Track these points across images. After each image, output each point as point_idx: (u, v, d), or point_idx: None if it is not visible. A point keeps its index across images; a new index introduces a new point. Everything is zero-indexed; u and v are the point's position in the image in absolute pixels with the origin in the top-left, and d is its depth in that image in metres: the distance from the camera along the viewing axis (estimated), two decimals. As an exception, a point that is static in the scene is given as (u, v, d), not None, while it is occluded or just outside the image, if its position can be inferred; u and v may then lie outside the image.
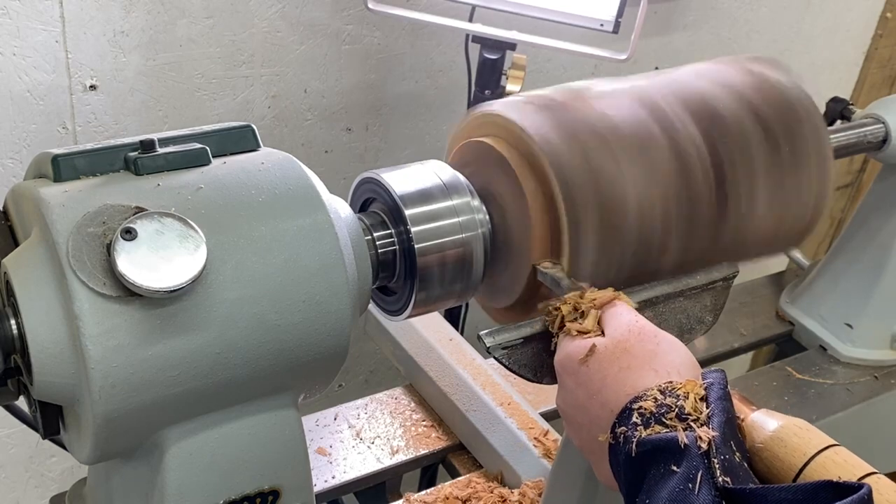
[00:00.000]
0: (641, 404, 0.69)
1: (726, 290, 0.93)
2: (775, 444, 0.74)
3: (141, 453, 0.77)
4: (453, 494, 1.19)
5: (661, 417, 0.67)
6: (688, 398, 0.68)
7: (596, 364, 0.74)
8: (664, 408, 0.68)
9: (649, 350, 0.73)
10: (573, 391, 0.77)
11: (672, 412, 0.67)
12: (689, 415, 0.67)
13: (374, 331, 1.48)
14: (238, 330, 0.73)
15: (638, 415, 0.69)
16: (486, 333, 0.82)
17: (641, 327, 0.76)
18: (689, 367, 0.73)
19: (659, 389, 0.69)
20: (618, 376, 0.72)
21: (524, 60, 1.64)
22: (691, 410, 0.67)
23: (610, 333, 0.76)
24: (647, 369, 0.72)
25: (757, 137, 0.93)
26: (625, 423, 0.69)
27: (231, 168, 0.79)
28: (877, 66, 2.81)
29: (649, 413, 0.68)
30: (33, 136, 1.57)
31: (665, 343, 0.75)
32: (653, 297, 0.88)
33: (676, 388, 0.69)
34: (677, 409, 0.67)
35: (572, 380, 0.77)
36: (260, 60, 1.74)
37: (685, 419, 0.67)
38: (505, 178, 0.88)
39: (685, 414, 0.67)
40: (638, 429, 0.68)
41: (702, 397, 0.69)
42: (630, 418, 0.69)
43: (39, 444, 1.81)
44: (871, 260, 1.56)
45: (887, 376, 1.58)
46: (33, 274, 0.69)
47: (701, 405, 0.68)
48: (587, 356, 0.75)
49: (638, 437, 0.68)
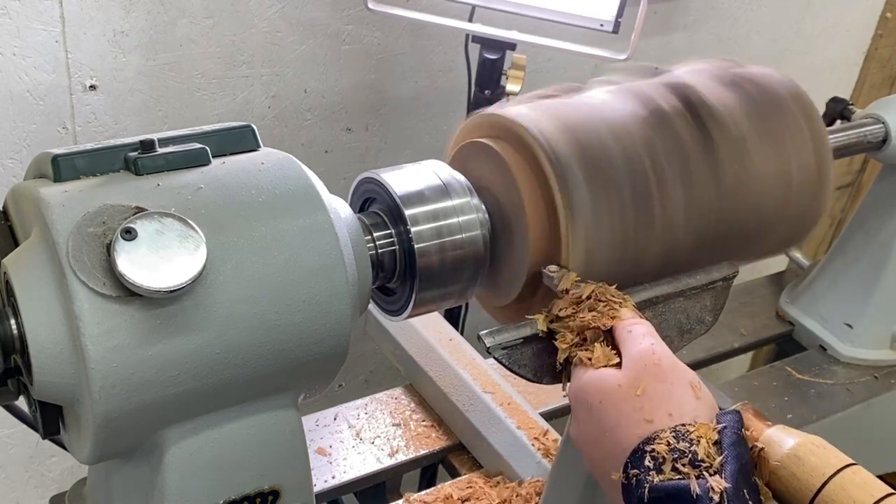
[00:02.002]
0: (654, 447, 0.68)
1: (726, 290, 0.93)
2: (792, 463, 0.73)
3: (141, 453, 0.77)
4: (453, 494, 1.19)
5: (675, 463, 0.67)
6: (700, 443, 0.68)
7: (610, 401, 0.73)
8: (677, 453, 0.67)
9: (666, 389, 0.72)
10: (586, 425, 0.76)
11: (685, 458, 0.67)
12: (702, 462, 0.67)
13: (374, 331, 1.48)
14: (238, 330, 0.73)
15: (650, 458, 0.68)
16: (486, 333, 0.82)
17: (658, 360, 0.74)
18: (705, 407, 0.72)
19: (672, 432, 0.69)
20: (632, 416, 0.71)
21: (524, 60, 1.64)
22: (704, 457, 0.67)
23: (626, 366, 0.75)
24: (662, 410, 0.71)
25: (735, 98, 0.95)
26: (637, 466, 0.69)
27: (231, 168, 0.79)
28: (877, 66, 2.81)
29: (661, 457, 0.68)
30: (33, 136, 1.57)
31: (682, 380, 0.73)
32: (653, 297, 0.87)
33: (689, 432, 0.68)
34: (690, 455, 0.67)
35: (585, 413, 0.76)
36: (260, 60, 1.74)
37: (698, 466, 0.66)
38: (504, 177, 0.88)
39: (698, 461, 0.67)
40: (650, 473, 0.67)
41: (715, 441, 0.68)
42: (643, 461, 0.68)
43: (39, 444, 1.80)
44: (871, 260, 1.56)
45: (887, 376, 1.58)
46: (33, 274, 0.69)
47: (714, 450, 0.68)
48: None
49: (650, 482, 0.67)
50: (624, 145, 0.87)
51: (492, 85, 1.68)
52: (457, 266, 0.89)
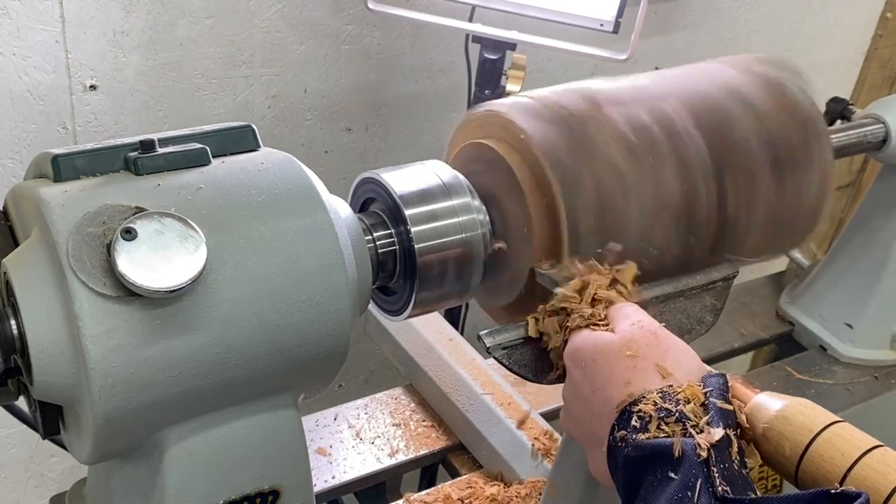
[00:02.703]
0: (641, 407, 0.69)
1: (726, 290, 0.93)
2: (780, 423, 0.73)
3: (141, 453, 0.77)
4: (453, 494, 1.19)
5: (661, 422, 0.67)
6: (688, 403, 0.68)
7: (604, 359, 0.74)
8: (663, 412, 0.68)
9: (659, 353, 0.73)
10: (579, 383, 0.77)
11: (672, 417, 0.67)
12: (689, 420, 0.67)
13: (374, 331, 1.48)
14: (238, 330, 0.73)
15: (637, 418, 0.69)
16: (486, 333, 0.82)
17: (652, 327, 0.76)
18: (695, 370, 0.73)
19: (659, 393, 0.69)
20: (623, 375, 0.72)
21: (524, 60, 1.64)
22: (691, 416, 0.67)
23: (619, 330, 0.76)
24: (653, 371, 0.72)
25: (762, 158, 0.95)
26: (624, 426, 0.69)
27: (231, 168, 0.79)
28: (877, 66, 2.81)
29: (648, 416, 0.68)
30: (33, 136, 1.57)
31: (673, 347, 0.74)
32: (653, 297, 0.88)
33: (677, 393, 0.69)
34: (677, 414, 0.67)
35: (579, 372, 0.77)
36: (260, 60, 1.74)
37: (685, 425, 0.67)
38: (505, 179, 0.88)
39: (685, 419, 0.67)
40: (637, 432, 0.68)
41: (702, 403, 0.69)
42: (629, 420, 0.69)
43: (39, 444, 1.80)
44: (871, 260, 1.56)
45: (887, 376, 1.57)
46: (33, 274, 0.69)
47: (700, 411, 0.68)
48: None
49: (636, 440, 0.68)
50: (643, 203, 0.88)
51: (492, 85, 1.68)
52: (457, 266, 0.89)
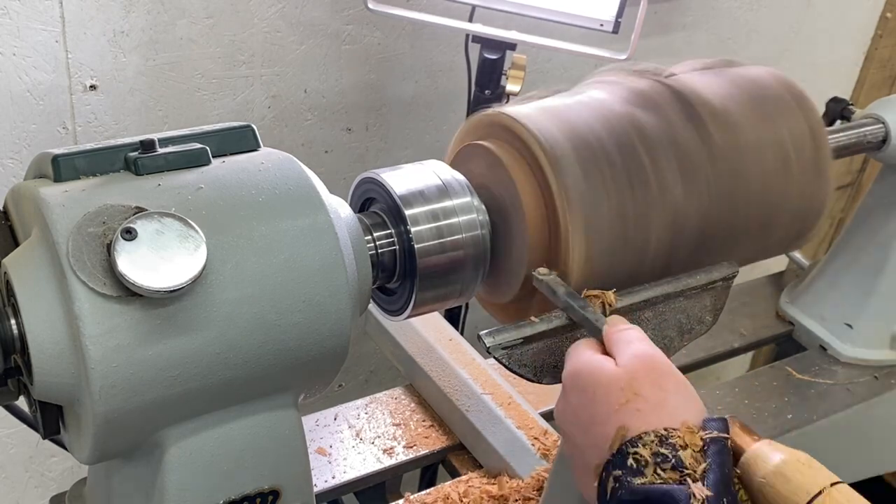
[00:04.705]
0: (639, 450, 0.68)
1: (726, 290, 0.93)
2: (778, 481, 0.73)
3: (141, 453, 0.77)
4: (453, 495, 1.19)
5: (657, 467, 0.67)
6: (685, 449, 0.68)
7: (604, 393, 0.73)
8: (660, 457, 0.67)
9: (659, 395, 0.72)
10: (576, 410, 0.75)
11: (668, 463, 0.67)
12: (686, 468, 0.66)
13: (374, 331, 1.48)
14: (238, 330, 0.73)
15: (633, 460, 0.68)
16: (486, 333, 0.82)
17: (653, 361, 0.74)
18: (694, 411, 0.72)
19: (657, 436, 0.68)
20: (622, 412, 0.71)
21: (524, 60, 1.63)
22: (688, 464, 0.67)
23: (623, 363, 0.74)
24: (653, 414, 0.70)
25: (720, 82, 0.99)
26: (620, 466, 0.68)
27: (231, 168, 0.79)
28: (877, 66, 2.81)
29: (645, 461, 0.68)
30: (33, 136, 1.57)
31: (673, 384, 0.73)
32: (653, 297, 0.88)
33: (675, 437, 0.68)
34: (674, 461, 0.67)
35: (576, 397, 0.76)
36: (260, 60, 1.74)
37: (681, 472, 0.66)
38: (502, 176, 0.88)
39: (682, 467, 0.66)
40: (632, 475, 0.67)
41: (700, 449, 0.68)
42: (625, 461, 0.68)
43: (39, 444, 1.81)
44: (871, 260, 1.56)
45: (887, 376, 1.57)
46: (33, 274, 0.69)
47: (699, 458, 0.67)
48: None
49: (631, 484, 0.67)
50: (616, 133, 0.88)
51: (492, 85, 1.68)
52: (457, 266, 0.89)
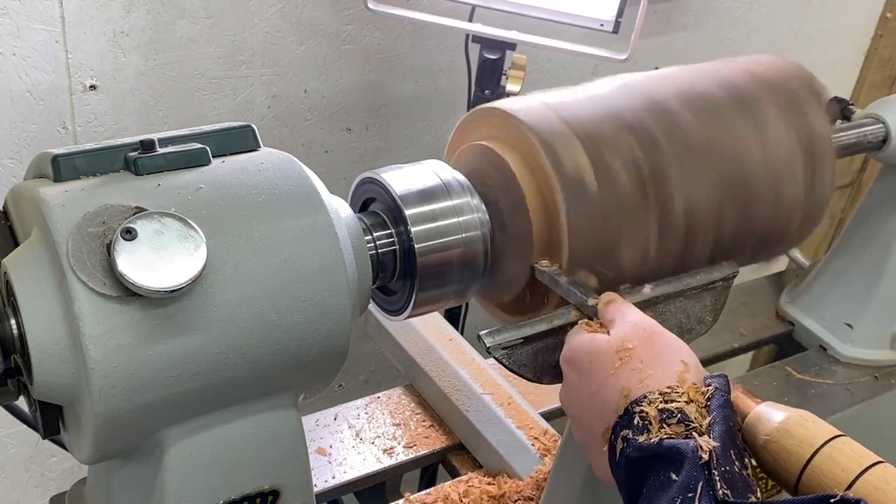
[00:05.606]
0: (643, 408, 0.69)
1: (726, 290, 0.93)
2: (782, 436, 0.73)
3: (141, 453, 0.77)
4: (453, 495, 1.19)
5: (663, 423, 0.67)
6: (690, 404, 0.68)
7: (599, 362, 0.74)
8: (665, 413, 0.68)
9: (654, 352, 0.73)
10: (576, 387, 0.77)
11: (673, 418, 0.67)
12: (691, 422, 0.67)
13: (374, 331, 1.48)
14: (238, 330, 0.73)
15: (639, 418, 0.69)
16: (486, 333, 0.82)
17: (647, 326, 0.76)
18: (693, 370, 0.73)
19: (661, 394, 0.69)
20: (621, 376, 0.72)
21: (524, 60, 1.64)
22: (693, 418, 0.67)
23: (615, 332, 0.76)
24: (651, 371, 0.72)
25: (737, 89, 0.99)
26: (626, 426, 0.69)
27: (231, 168, 0.79)
28: (877, 66, 2.81)
29: (650, 418, 0.68)
30: (33, 136, 1.57)
31: (670, 345, 0.74)
32: (653, 297, 0.87)
33: (679, 394, 0.69)
34: (679, 416, 0.67)
35: (575, 375, 0.77)
36: (260, 60, 1.74)
37: (687, 426, 0.67)
38: (505, 179, 0.88)
39: (687, 421, 0.67)
40: (639, 433, 0.68)
41: (704, 404, 0.69)
42: (631, 421, 0.69)
43: (39, 444, 1.81)
44: (871, 260, 1.56)
45: (887, 376, 1.57)
46: (33, 274, 0.69)
47: (703, 412, 0.68)
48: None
49: (638, 442, 0.68)
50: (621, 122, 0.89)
51: (492, 85, 1.68)
52: (457, 266, 0.89)
